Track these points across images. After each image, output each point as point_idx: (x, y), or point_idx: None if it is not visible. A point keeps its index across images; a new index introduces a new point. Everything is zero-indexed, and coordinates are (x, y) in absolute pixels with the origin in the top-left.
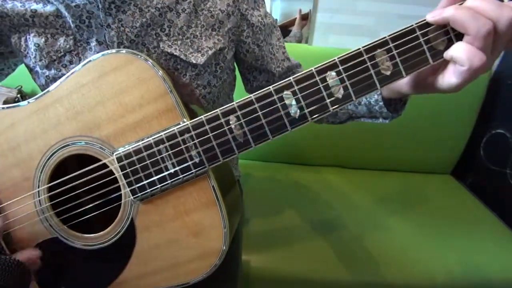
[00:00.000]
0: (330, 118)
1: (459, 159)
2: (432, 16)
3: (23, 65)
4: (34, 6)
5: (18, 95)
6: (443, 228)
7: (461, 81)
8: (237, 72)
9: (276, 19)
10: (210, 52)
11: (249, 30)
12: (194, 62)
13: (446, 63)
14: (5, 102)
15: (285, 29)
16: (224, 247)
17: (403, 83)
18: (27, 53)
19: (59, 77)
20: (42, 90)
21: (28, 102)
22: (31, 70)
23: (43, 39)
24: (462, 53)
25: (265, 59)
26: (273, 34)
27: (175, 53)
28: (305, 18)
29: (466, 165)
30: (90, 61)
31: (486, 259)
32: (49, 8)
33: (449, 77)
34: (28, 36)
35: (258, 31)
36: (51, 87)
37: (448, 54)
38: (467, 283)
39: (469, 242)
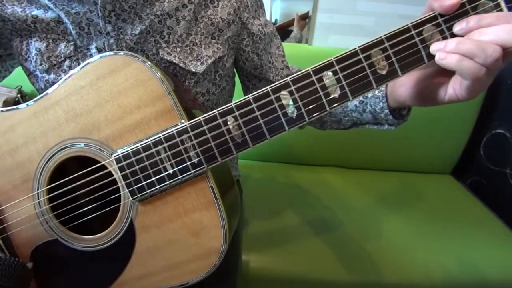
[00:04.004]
0: (334, 125)
1: (459, 159)
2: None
3: None
4: (35, 12)
5: (18, 95)
6: (442, 228)
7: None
8: (236, 78)
9: (276, 19)
10: (209, 61)
11: (249, 39)
12: (193, 70)
13: (449, 75)
14: (5, 102)
15: (285, 29)
16: (223, 247)
17: (408, 96)
18: (28, 56)
19: None
20: (40, 94)
21: (27, 105)
22: (30, 73)
23: (44, 44)
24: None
25: (264, 68)
26: (272, 43)
27: (174, 61)
28: (305, 17)
29: (466, 165)
30: (88, 63)
31: (486, 259)
32: (50, 14)
33: (461, 91)
34: (30, 41)
35: (258, 40)
36: (50, 90)
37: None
38: (467, 283)
39: (469, 242)
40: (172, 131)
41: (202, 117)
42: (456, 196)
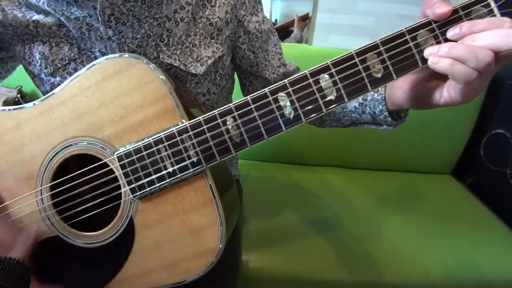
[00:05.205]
0: (333, 124)
1: (459, 159)
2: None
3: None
4: (35, 16)
5: (18, 95)
6: (442, 228)
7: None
8: (235, 76)
9: (276, 19)
10: (209, 62)
11: (245, 36)
12: (193, 72)
13: (444, 79)
14: (5, 102)
15: (285, 29)
16: (220, 246)
17: (405, 99)
18: (32, 60)
19: None
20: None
21: (34, 104)
22: (34, 76)
23: (47, 48)
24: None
25: (260, 66)
26: (269, 40)
27: (174, 64)
28: (305, 18)
29: (466, 165)
30: (94, 64)
31: (486, 259)
32: (50, 19)
33: (455, 95)
34: (32, 45)
35: (254, 38)
36: (56, 90)
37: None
38: (467, 283)
39: (469, 242)
40: (173, 130)
41: (202, 117)
42: (456, 196)
